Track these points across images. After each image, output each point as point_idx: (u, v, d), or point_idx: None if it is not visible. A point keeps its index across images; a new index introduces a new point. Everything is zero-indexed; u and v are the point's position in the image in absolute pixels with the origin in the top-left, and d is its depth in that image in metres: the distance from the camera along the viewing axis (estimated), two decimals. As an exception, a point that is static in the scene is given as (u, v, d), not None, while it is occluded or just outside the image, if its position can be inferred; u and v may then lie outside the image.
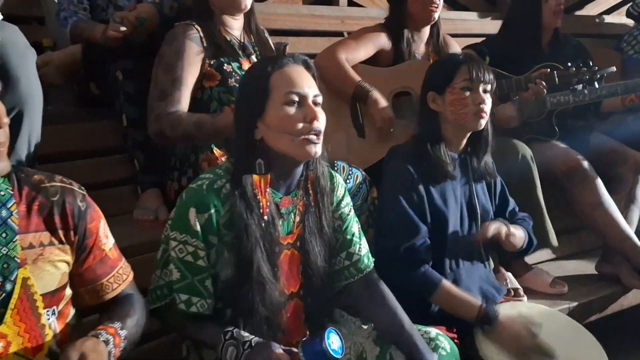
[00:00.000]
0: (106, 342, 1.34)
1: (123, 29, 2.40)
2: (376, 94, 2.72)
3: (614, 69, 2.92)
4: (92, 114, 2.73)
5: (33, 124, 2.07)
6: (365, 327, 1.88)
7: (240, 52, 2.39)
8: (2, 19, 1.93)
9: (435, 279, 2.07)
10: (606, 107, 3.30)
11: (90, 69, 2.68)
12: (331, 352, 1.48)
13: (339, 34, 3.82)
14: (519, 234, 2.27)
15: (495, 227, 2.16)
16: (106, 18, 2.61)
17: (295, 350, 1.53)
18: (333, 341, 1.50)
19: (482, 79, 2.11)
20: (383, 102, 2.72)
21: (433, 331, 1.83)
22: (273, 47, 2.55)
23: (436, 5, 2.84)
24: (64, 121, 2.54)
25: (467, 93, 2.11)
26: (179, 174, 2.39)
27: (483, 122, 2.13)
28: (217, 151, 2.29)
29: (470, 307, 2.05)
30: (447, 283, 2.08)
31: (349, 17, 3.98)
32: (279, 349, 1.53)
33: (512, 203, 2.40)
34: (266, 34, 2.57)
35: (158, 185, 2.50)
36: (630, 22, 4.61)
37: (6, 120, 1.20)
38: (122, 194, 2.43)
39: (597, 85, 2.84)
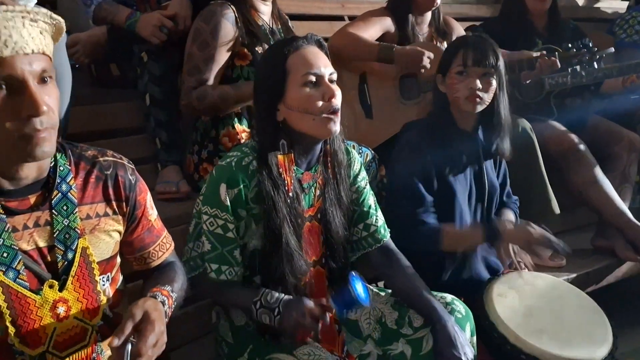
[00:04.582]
0: (163, 303, 1.42)
1: (164, 37, 2.46)
2: (399, 47, 2.79)
3: (612, 49, 3.03)
4: (111, 95, 2.78)
5: (63, 103, 2.13)
6: (382, 294, 2.00)
7: (270, 37, 2.46)
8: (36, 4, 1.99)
9: (437, 227, 2.20)
10: (606, 88, 3.41)
11: (114, 50, 2.72)
12: (358, 297, 1.60)
13: (339, 17, 3.87)
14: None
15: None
16: None
17: (325, 302, 1.65)
18: (359, 287, 1.62)
19: (478, 64, 2.17)
20: (409, 50, 2.79)
21: (448, 296, 1.94)
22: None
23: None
24: (84, 102, 2.58)
25: (461, 78, 2.19)
26: (199, 148, 2.48)
27: (479, 107, 2.20)
28: (237, 126, 2.38)
29: (475, 233, 2.22)
30: (446, 226, 2.21)
31: (349, 1, 4.02)
32: (310, 303, 1.65)
33: (508, 185, 2.51)
34: (290, 23, 2.66)
35: (178, 163, 2.57)
36: (621, 5, 4.71)
37: (45, 108, 1.23)
38: (143, 172, 2.43)
39: (595, 66, 2.94)
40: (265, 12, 2.50)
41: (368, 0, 4.07)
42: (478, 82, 2.17)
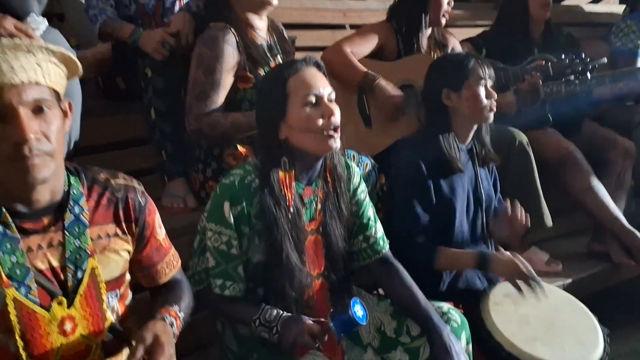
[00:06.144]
0: (171, 325, 1.49)
1: (167, 53, 2.52)
2: (382, 82, 2.84)
3: (604, 60, 3.09)
4: (117, 108, 2.85)
5: (74, 121, 2.20)
6: (382, 303, 2.06)
7: (269, 54, 2.52)
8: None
9: (431, 247, 2.25)
10: (596, 95, 3.45)
11: (119, 65, 2.79)
12: (357, 320, 1.67)
13: (341, 26, 3.94)
14: None
15: None
16: (130, 14, 2.75)
17: (323, 320, 1.71)
18: (358, 310, 1.69)
19: (491, 76, 2.28)
20: (389, 89, 2.84)
21: (445, 306, 2.00)
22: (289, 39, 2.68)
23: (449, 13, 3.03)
24: (92, 115, 2.61)
25: (482, 89, 2.27)
26: (203, 166, 2.53)
27: (492, 115, 2.30)
28: (240, 148, 2.43)
29: (470, 257, 2.25)
30: (443, 247, 2.26)
31: (351, 10, 4.08)
32: (309, 321, 1.71)
33: (499, 191, 2.56)
34: (285, 32, 2.71)
35: (183, 174, 2.63)
36: (617, 10, 4.76)
37: (32, 135, 1.28)
38: (149, 183, 2.44)
39: (589, 76, 2.99)
40: (261, 28, 2.54)
41: (368, 8, 4.15)
42: (493, 91, 2.28)
